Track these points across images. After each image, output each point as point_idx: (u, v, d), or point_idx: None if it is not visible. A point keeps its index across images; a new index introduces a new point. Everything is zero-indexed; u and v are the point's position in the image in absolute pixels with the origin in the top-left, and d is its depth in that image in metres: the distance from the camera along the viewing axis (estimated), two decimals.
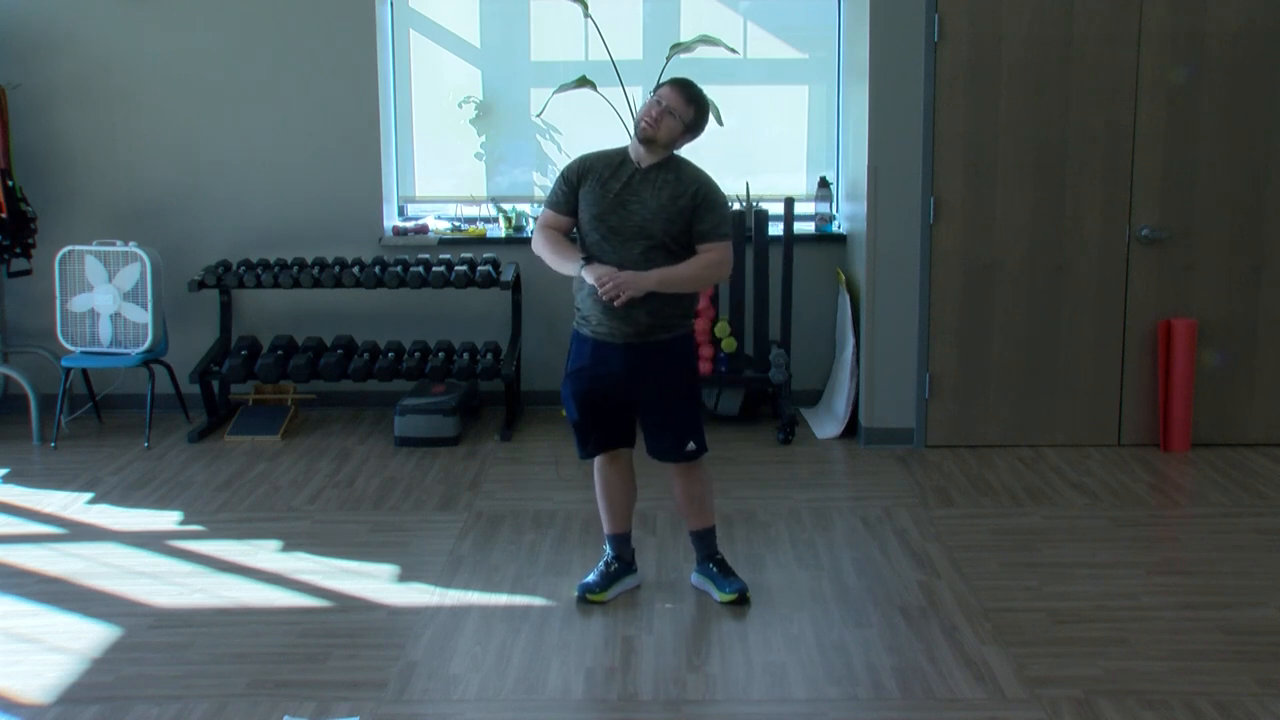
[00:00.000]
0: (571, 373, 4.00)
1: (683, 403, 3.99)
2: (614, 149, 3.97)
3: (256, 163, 6.43)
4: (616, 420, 4.03)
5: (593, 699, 3.48)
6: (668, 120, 3.81)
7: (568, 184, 3.93)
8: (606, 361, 3.91)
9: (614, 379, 3.92)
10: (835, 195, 6.50)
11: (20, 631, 3.91)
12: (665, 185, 3.83)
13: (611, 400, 3.97)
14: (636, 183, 3.85)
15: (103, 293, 6.02)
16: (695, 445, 4.00)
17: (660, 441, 4.01)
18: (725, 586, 4.06)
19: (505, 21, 6.60)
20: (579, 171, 3.93)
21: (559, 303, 6.46)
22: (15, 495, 5.24)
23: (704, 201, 3.83)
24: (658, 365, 3.92)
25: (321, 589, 4.21)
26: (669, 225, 3.81)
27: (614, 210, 3.84)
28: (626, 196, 3.84)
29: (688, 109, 3.84)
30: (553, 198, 3.98)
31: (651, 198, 3.82)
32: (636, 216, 3.82)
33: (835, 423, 5.99)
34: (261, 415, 6.22)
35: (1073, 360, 5.70)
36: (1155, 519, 4.87)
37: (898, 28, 5.53)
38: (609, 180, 3.87)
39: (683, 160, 3.95)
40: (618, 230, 3.84)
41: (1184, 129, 5.54)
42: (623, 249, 3.83)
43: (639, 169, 3.87)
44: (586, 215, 3.89)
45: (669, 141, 3.85)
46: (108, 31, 6.32)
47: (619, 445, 4.08)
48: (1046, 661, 3.62)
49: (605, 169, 3.89)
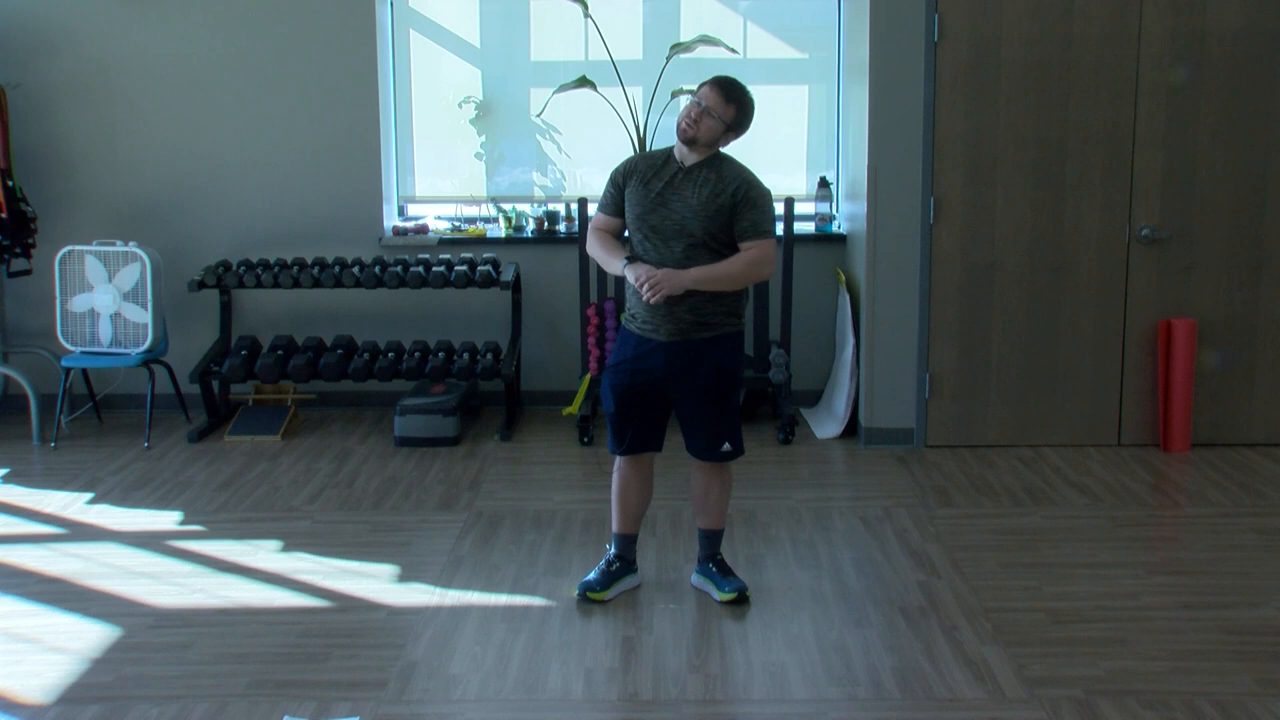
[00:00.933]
0: (613, 366, 4.02)
1: (721, 403, 3.99)
2: (661, 149, 4.01)
3: (256, 163, 6.44)
4: (652, 418, 4.04)
5: (593, 699, 3.48)
6: (707, 120, 3.82)
7: (615, 186, 3.98)
8: (648, 356, 3.93)
9: (654, 374, 3.94)
10: (835, 195, 6.50)
11: (20, 631, 3.91)
12: (706, 183, 3.84)
13: (650, 396, 3.98)
14: (679, 181, 3.87)
15: (103, 293, 6.02)
16: (730, 447, 4.02)
17: (695, 440, 4.02)
18: (725, 586, 4.06)
19: (505, 21, 6.60)
20: (624, 173, 3.97)
21: (559, 303, 6.48)
22: (15, 495, 5.24)
23: (745, 199, 3.83)
24: (699, 364, 3.92)
25: (321, 589, 4.22)
26: (708, 223, 3.82)
27: (655, 209, 3.86)
28: (668, 195, 3.86)
29: (727, 108, 3.84)
30: (603, 200, 4.03)
31: (692, 196, 3.83)
32: (677, 215, 3.84)
33: (835, 423, 5.99)
34: (261, 415, 6.22)
35: (1072, 360, 5.70)
36: (1155, 519, 4.87)
37: (898, 28, 5.53)
38: (652, 180, 3.89)
39: (726, 158, 3.94)
40: (659, 229, 3.86)
41: (1184, 129, 5.54)
42: (664, 248, 3.85)
43: (682, 168, 3.89)
44: (631, 215, 3.93)
45: (710, 141, 3.86)
46: (108, 31, 6.32)
47: (649, 448, 4.09)
48: (1046, 661, 3.62)
49: (649, 169, 3.92)
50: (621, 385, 3.98)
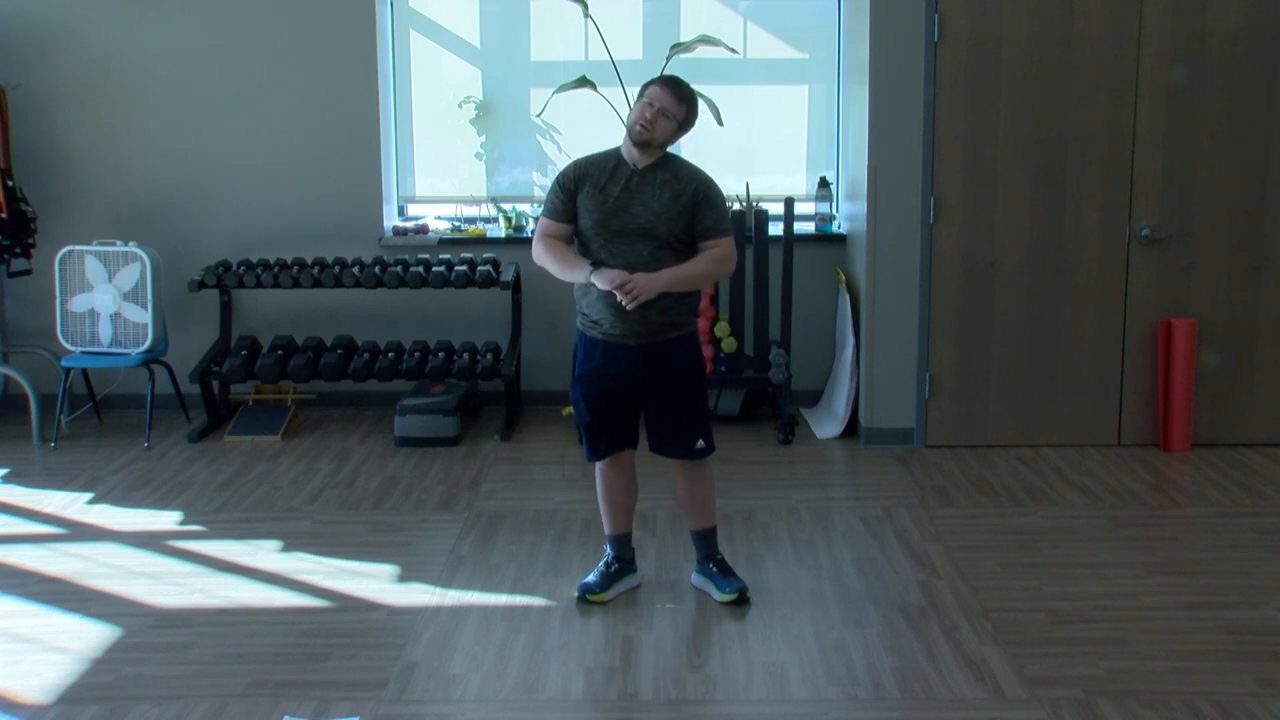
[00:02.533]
0: (581, 376, 3.99)
1: (693, 400, 4.00)
2: (605, 152, 3.95)
3: (257, 163, 6.43)
4: (624, 422, 4.03)
5: (593, 699, 3.48)
6: (661, 121, 3.81)
7: (564, 191, 3.91)
8: (617, 362, 3.91)
9: (624, 379, 3.92)
10: (835, 195, 6.50)
11: (20, 631, 3.91)
12: (665, 185, 3.82)
13: (621, 401, 3.98)
14: (635, 185, 3.84)
15: (103, 293, 6.02)
16: (704, 443, 4.01)
17: (669, 440, 4.01)
18: (725, 586, 4.05)
19: (505, 21, 6.60)
20: (574, 178, 3.90)
21: (559, 303, 6.46)
22: (15, 495, 5.24)
23: (704, 199, 3.83)
24: (670, 364, 3.92)
25: (321, 589, 4.21)
26: (673, 225, 3.81)
27: (616, 214, 3.83)
28: (627, 199, 3.83)
29: (679, 107, 3.83)
30: (549, 207, 3.94)
31: (654, 199, 3.81)
32: (640, 219, 3.81)
33: (835, 423, 5.99)
34: (261, 415, 6.22)
35: (1072, 360, 5.70)
36: (1155, 519, 4.87)
37: (898, 28, 5.53)
38: (606, 185, 3.85)
39: (677, 158, 3.95)
40: (622, 233, 3.83)
41: (1184, 129, 5.54)
42: (629, 251, 3.83)
43: (636, 170, 3.85)
44: (588, 221, 3.88)
45: (664, 142, 3.85)
46: (108, 31, 6.32)
47: (625, 447, 4.08)
48: (1046, 661, 3.62)
49: (600, 174, 3.87)
50: (593, 394, 3.96)
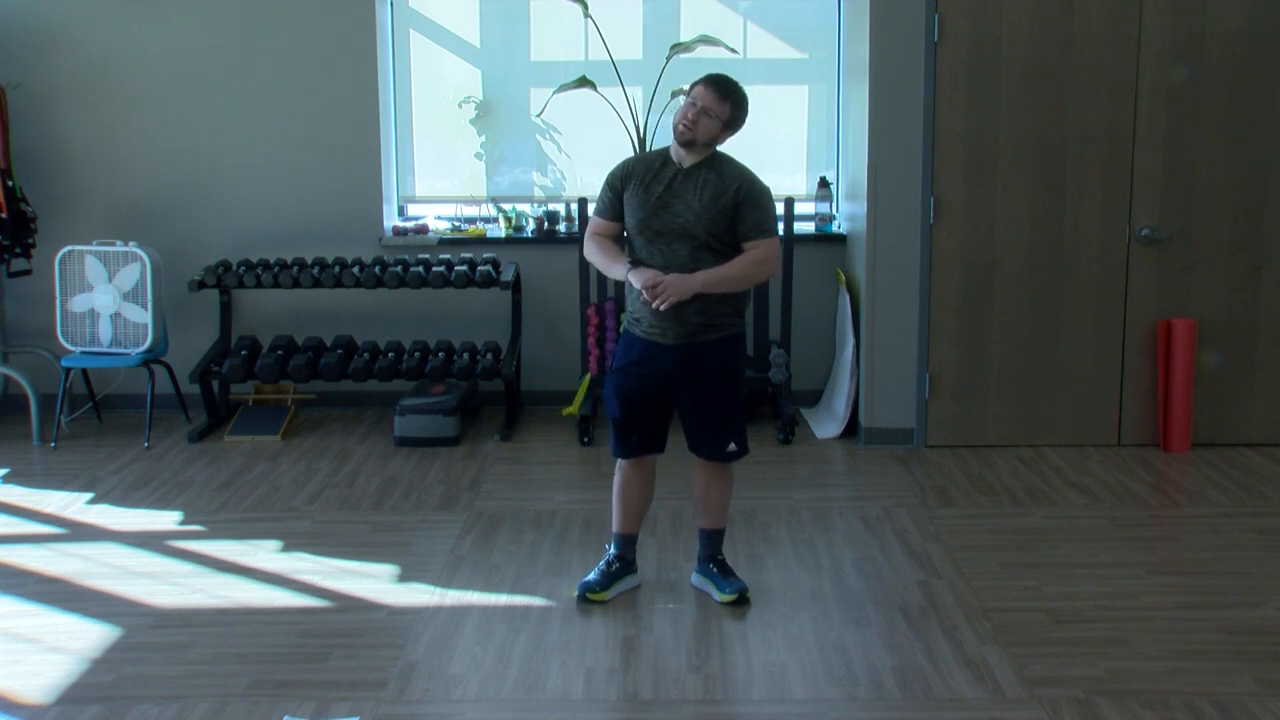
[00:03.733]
0: (617, 369, 4.01)
1: (728, 404, 3.99)
2: (655, 151, 3.99)
3: (256, 163, 6.43)
4: (656, 421, 4.03)
5: (593, 699, 3.48)
6: (704, 120, 3.79)
7: (612, 190, 3.94)
8: (655, 359, 3.91)
9: (661, 377, 3.92)
10: (835, 195, 6.50)
11: (20, 631, 3.91)
12: (707, 185, 3.81)
13: (655, 398, 3.98)
14: (679, 184, 3.84)
15: (103, 293, 6.02)
16: (736, 446, 4.01)
17: (700, 440, 4.01)
18: (725, 587, 4.06)
19: (505, 21, 6.60)
20: (622, 177, 3.93)
21: (559, 303, 6.48)
22: (15, 495, 5.24)
23: (746, 199, 3.81)
24: (707, 365, 3.92)
25: (321, 589, 4.21)
26: (712, 225, 3.80)
27: (657, 213, 3.83)
28: (669, 199, 3.83)
29: (723, 106, 3.81)
30: (599, 205, 3.99)
31: (694, 198, 3.81)
32: (680, 218, 3.81)
33: (835, 423, 5.99)
34: (261, 415, 6.22)
35: (1072, 360, 5.70)
36: (1155, 519, 4.87)
37: (898, 28, 5.53)
38: (651, 183, 3.86)
39: (725, 157, 3.92)
40: (662, 233, 3.83)
41: (1184, 129, 5.54)
42: (669, 251, 3.83)
43: (681, 170, 3.86)
44: (632, 220, 3.89)
45: (709, 141, 3.84)
46: (108, 31, 6.32)
47: (653, 450, 4.08)
48: (1046, 661, 3.62)
49: (647, 172, 3.89)
50: (627, 389, 3.97)
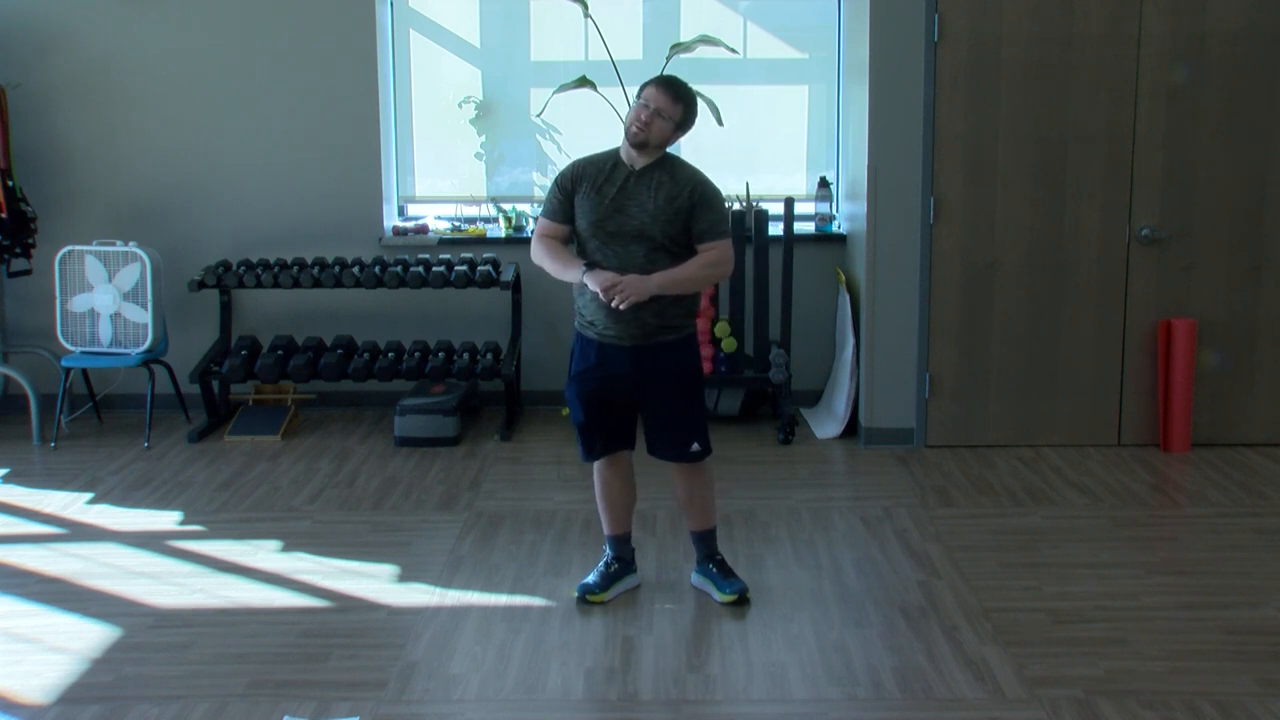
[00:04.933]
0: (576, 375, 3.99)
1: (688, 403, 3.99)
2: (604, 153, 3.94)
3: (256, 163, 6.43)
4: (620, 422, 4.03)
5: (593, 699, 3.48)
6: (657, 122, 3.79)
7: (562, 192, 3.91)
8: (612, 362, 3.90)
9: (620, 380, 3.92)
10: (835, 195, 6.50)
11: (20, 631, 3.91)
12: (661, 186, 3.81)
13: (617, 402, 3.97)
14: (632, 186, 3.83)
15: (103, 293, 6.02)
16: (700, 446, 4.00)
17: (665, 442, 4.00)
18: (725, 587, 4.05)
19: (505, 21, 6.60)
20: (572, 178, 3.90)
21: (559, 303, 6.46)
22: (15, 495, 5.24)
23: (701, 200, 3.81)
24: (665, 366, 3.91)
25: (321, 589, 4.22)
26: (668, 227, 3.80)
27: (611, 215, 3.82)
28: (623, 200, 3.82)
29: (675, 107, 3.81)
30: (548, 207, 3.95)
31: (649, 200, 3.80)
32: (635, 220, 3.81)
33: (835, 423, 5.99)
34: (261, 415, 6.22)
35: (1072, 360, 5.70)
36: (1155, 519, 4.87)
37: (898, 28, 5.53)
38: (603, 185, 3.85)
39: (676, 159, 3.93)
40: (617, 235, 3.82)
41: (1184, 129, 5.54)
42: (624, 253, 3.82)
43: (633, 171, 3.85)
44: (584, 222, 3.87)
45: (661, 142, 3.83)
46: (108, 31, 6.32)
47: (621, 448, 4.08)
48: (1046, 661, 3.62)
49: (598, 174, 3.87)
50: (587, 394, 3.96)
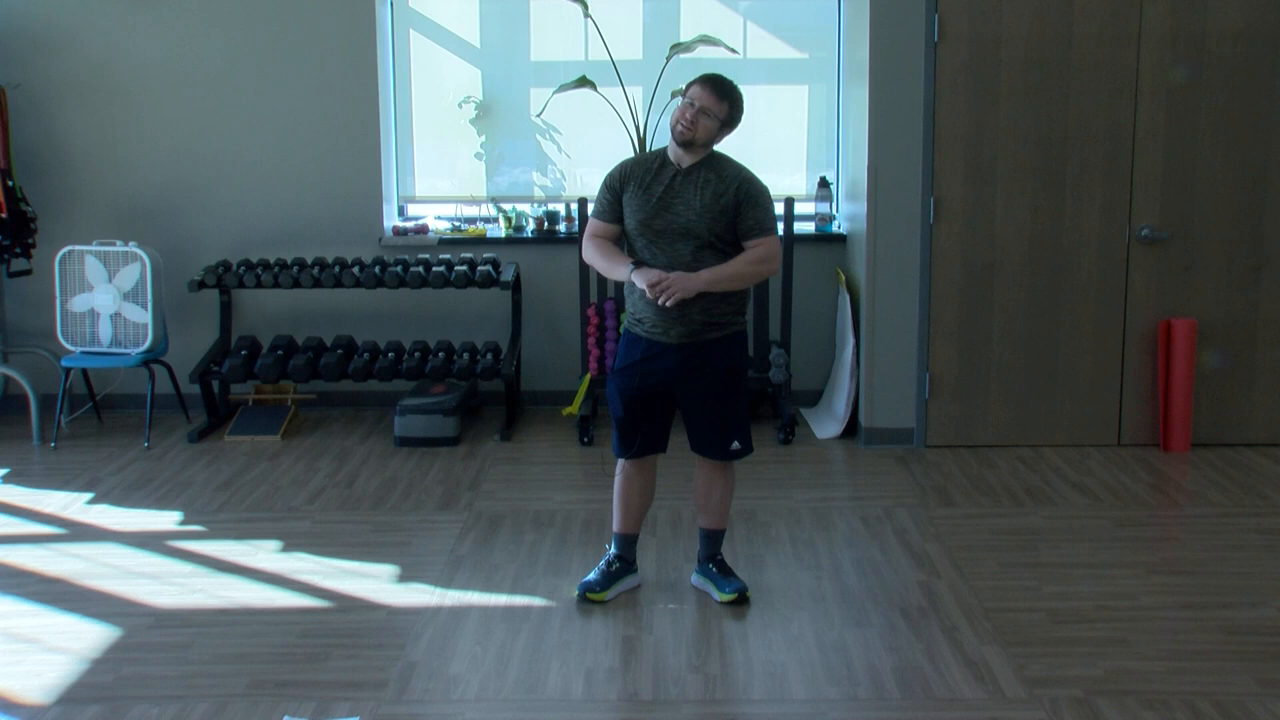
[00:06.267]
0: (620, 369, 4.00)
1: (731, 401, 3.99)
2: (653, 152, 3.99)
3: (256, 163, 6.43)
4: (659, 421, 4.04)
5: (593, 699, 3.48)
6: (703, 120, 3.80)
7: (611, 192, 3.95)
8: (659, 358, 3.91)
9: (664, 376, 3.93)
10: (835, 195, 6.50)
11: (20, 631, 3.91)
12: (707, 184, 3.83)
13: (658, 398, 3.98)
14: (679, 184, 3.85)
15: (103, 293, 6.02)
16: (740, 445, 4.02)
17: (705, 439, 4.01)
18: (725, 587, 4.06)
19: (505, 21, 6.60)
20: (620, 178, 3.94)
21: (559, 303, 6.48)
22: (15, 495, 5.24)
23: (746, 198, 3.83)
24: (710, 363, 3.92)
25: (321, 589, 4.22)
26: (714, 224, 3.82)
27: (658, 214, 3.84)
28: (670, 199, 3.84)
29: (721, 105, 3.82)
30: (598, 207, 3.99)
31: (695, 198, 3.82)
32: (681, 218, 3.82)
33: (835, 423, 5.99)
34: (261, 415, 6.22)
35: (1073, 360, 5.70)
36: (1155, 519, 4.87)
37: (898, 28, 5.53)
38: (651, 184, 3.87)
39: (723, 157, 3.94)
40: (664, 233, 3.84)
41: (1184, 129, 5.54)
42: (671, 251, 3.84)
43: (680, 170, 3.87)
44: (632, 221, 3.90)
45: (707, 140, 3.85)
46: (108, 31, 6.32)
47: (656, 450, 4.09)
48: (1046, 661, 3.63)
49: (646, 174, 3.90)
50: (630, 389, 3.97)
